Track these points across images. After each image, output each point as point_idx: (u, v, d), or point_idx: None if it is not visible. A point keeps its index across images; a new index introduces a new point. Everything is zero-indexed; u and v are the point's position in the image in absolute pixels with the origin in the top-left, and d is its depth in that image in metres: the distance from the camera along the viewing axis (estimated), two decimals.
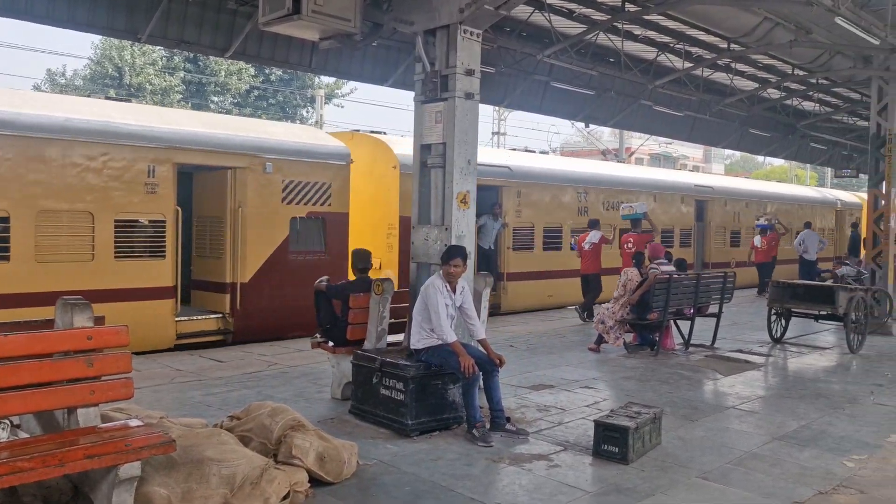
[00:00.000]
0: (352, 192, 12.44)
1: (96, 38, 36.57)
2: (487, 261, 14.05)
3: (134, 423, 4.32)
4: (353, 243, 12.58)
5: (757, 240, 19.31)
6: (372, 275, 12.15)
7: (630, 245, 13.19)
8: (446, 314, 6.26)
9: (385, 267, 12.68)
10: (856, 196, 29.59)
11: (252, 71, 37.78)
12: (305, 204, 11.47)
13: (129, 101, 12.68)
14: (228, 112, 36.22)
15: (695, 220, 20.12)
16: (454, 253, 6.41)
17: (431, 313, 6.25)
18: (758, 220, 20.60)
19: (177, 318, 10.29)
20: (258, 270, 10.97)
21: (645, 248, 12.12)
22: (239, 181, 10.81)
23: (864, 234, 19.95)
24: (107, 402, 4.36)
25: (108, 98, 11.80)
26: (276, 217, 11.15)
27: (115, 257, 9.61)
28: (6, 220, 8.77)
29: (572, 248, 14.92)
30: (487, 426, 6.19)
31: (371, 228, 12.99)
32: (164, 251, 10.07)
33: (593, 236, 13.61)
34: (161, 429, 4.45)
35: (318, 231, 11.75)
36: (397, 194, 12.72)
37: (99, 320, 4.34)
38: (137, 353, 8.91)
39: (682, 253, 17.20)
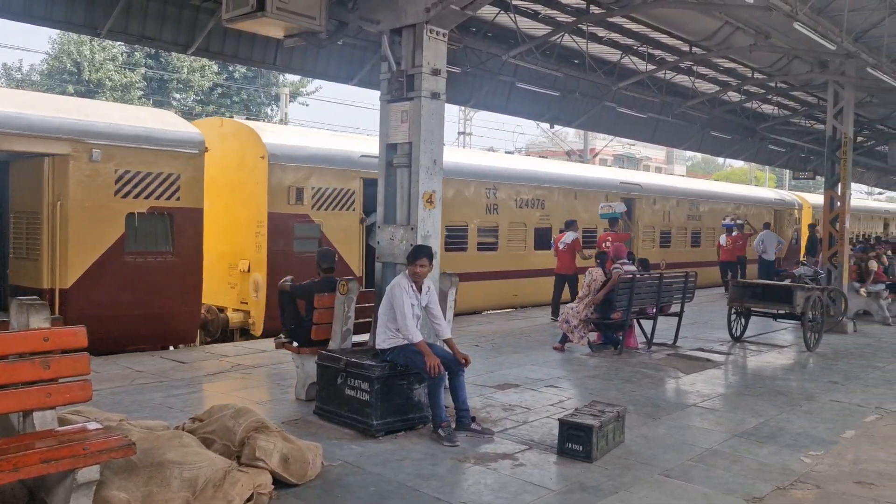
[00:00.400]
0: (220, 186, 11.52)
1: (54, 33, 35.71)
2: None
3: (92, 426, 4.23)
4: (217, 242, 11.76)
5: (722, 239, 19.71)
6: (239, 278, 11.65)
7: (608, 244, 13.30)
8: (412, 314, 6.26)
9: (254, 269, 11.57)
10: (796, 195, 29.38)
11: (215, 68, 37.29)
12: (147, 197, 9.98)
13: None
14: (191, 110, 35.73)
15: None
16: (420, 253, 6.40)
17: (397, 313, 6.24)
18: (724, 220, 20.93)
19: None
20: (84, 274, 9.50)
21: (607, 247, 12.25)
22: (58, 171, 9.36)
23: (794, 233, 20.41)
24: (64, 404, 4.27)
25: None
26: (108, 212, 9.67)
27: None
28: None
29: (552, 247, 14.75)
30: (453, 426, 6.20)
31: (239, 226, 11.85)
32: None
33: (568, 237, 13.74)
34: (120, 431, 4.38)
35: (165, 229, 10.28)
36: (265, 188, 11.48)
37: (56, 321, 4.25)
38: None
39: None
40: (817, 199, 29.85)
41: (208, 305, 11.87)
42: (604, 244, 13.52)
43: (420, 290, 6.41)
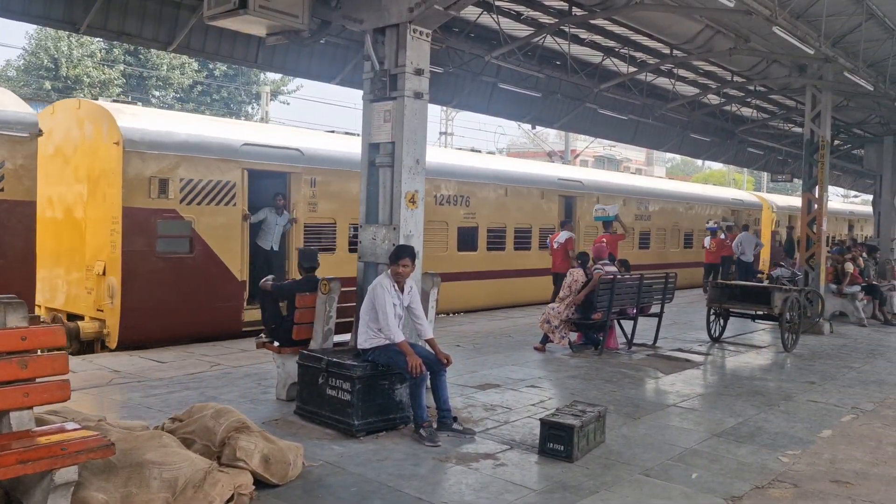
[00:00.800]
0: (78, 176, 10.57)
1: (31, 28, 35.27)
2: (269, 264, 11.48)
3: (71, 426, 4.18)
4: (74, 240, 10.78)
5: (706, 241, 19.97)
6: (96, 282, 10.47)
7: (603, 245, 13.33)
8: (394, 314, 6.25)
9: (109, 272, 10.16)
10: (757, 195, 29.08)
11: (196, 65, 37.00)
12: None
13: None
14: (170, 108, 35.40)
15: (561, 218, 17.33)
16: (403, 253, 6.39)
17: (379, 313, 6.23)
18: (708, 222, 21.12)
19: None
20: None
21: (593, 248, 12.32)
22: None
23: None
24: (42, 404, 4.21)
25: None
26: None
27: None
28: None
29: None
30: (434, 426, 6.20)
31: (94, 222, 10.50)
32: None
33: (562, 236, 13.84)
34: (99, 432, 4.33)
35: None
36: (120, 179, 10.01)
37: (34, 320, 4.19)
38: None
39: (541, 256, 15.58)
40: (780, 199, 30.09)
41: (55, 313, 10.82)
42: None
43: (402, 289, 6.41)
